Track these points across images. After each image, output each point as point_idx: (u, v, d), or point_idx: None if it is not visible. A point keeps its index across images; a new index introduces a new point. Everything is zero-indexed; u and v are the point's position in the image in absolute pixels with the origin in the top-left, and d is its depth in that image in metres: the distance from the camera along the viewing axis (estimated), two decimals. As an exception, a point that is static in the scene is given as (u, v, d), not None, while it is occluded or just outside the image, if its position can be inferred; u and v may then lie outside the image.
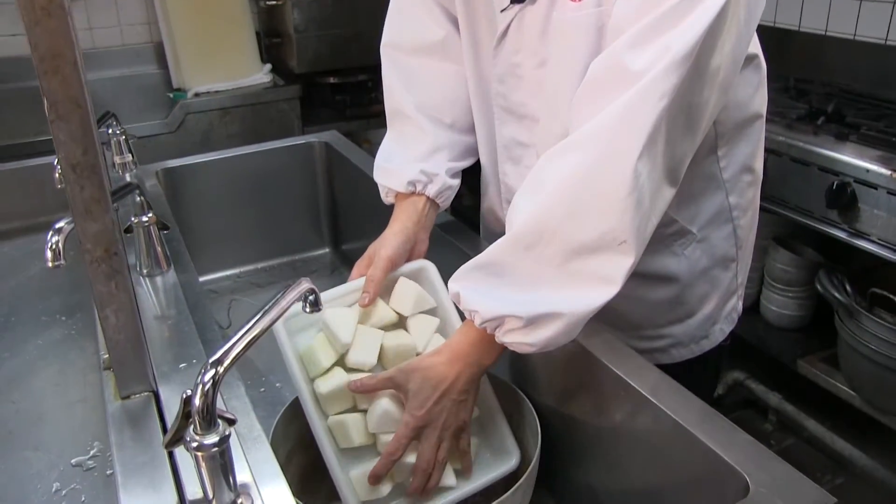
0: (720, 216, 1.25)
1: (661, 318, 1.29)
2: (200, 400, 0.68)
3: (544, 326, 0.99)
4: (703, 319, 1.31)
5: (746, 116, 1.21)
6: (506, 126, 1.27)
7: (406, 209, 1.33)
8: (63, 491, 0.98)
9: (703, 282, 1.28)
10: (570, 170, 0.97)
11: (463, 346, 1.07)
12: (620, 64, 0.94)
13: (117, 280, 0.87)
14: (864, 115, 2.30)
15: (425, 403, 1.06)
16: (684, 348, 1.32)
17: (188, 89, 2.87)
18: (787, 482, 0.83)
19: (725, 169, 1.22)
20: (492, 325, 1.02)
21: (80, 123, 0.76)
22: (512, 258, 1.01)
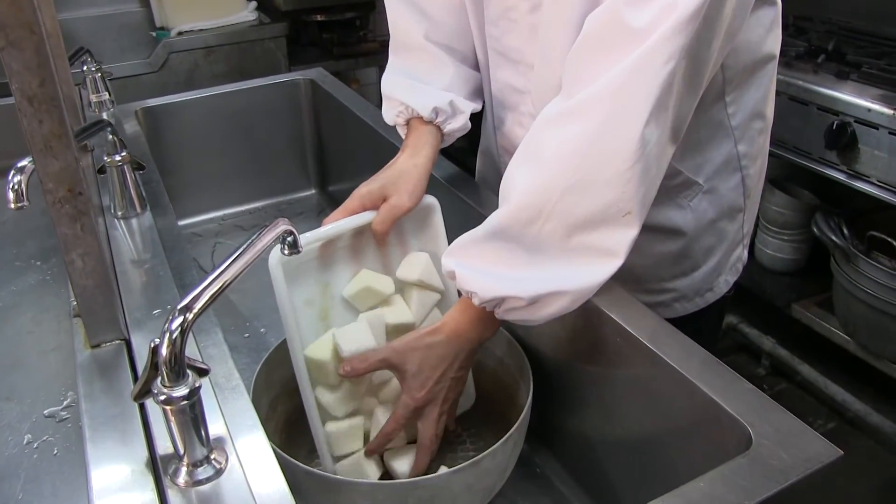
0: (728, 165, 1.19)
1: (665, 272, 1.24)
2: (168, 349, 0.64)
3: (548, 304, 0.94)
4: (708, 272, 1.26)
5: (757, 59, 1.13)
6: (500, 70, 1.21)
7: (426, 138, 1.22)
8: (35, 443, 0.94)
9: (709, 234, 1.23)
10: (571, 140, 0.90)
11: (461, 325, 1.03)
12: (620, 20, 0.87)
13: (83, 222, 0.82)
14: (865, 52, 2.24)
15: (426, 384, 1.02)
16: (688, 302, 1.28)
17: (171, 28, 2.80)
18: (790, 434, 0.79)
19: (734, 115, 1.15)
20: (491, 305, 0.97)
21: (34, 51, 0.71)
22: (510, 234, 0.96)
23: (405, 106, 1.22)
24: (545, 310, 0.95)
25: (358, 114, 1.67)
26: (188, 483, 0.70)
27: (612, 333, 0.98)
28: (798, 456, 0.77)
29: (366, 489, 0.94)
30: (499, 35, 1.17)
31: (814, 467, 0.76)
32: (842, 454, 0.77)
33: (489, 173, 1.42)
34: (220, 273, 0.70)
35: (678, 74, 0.87)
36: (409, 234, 1.19)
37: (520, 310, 0.96)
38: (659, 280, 1.25)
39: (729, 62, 1.09)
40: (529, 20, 1.10)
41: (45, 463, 0.90)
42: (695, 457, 0.89)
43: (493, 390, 1.19)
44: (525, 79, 1.17)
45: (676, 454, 0.93)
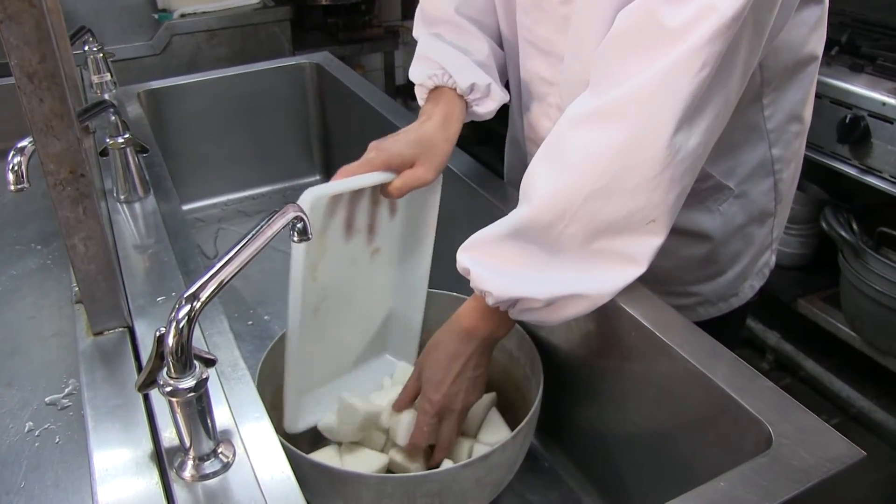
0: (761, 169, 1.15)
1: (690, 276, 1.21)
2: (174, 339, 0.62)
3: (565, 307, 0.93)
4: (733, 277, 1.23)
5: (799, 59, 1.08)
6: (530, 60, 1.16)
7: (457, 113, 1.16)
8: (36, 431, 0.92)
9: (737, 239, 1.19)
10: (598, 144, 0.87)
11: (474, 321, 1.01)
12: (655, 18, 0.83)
13: (85, 205, 0.79)
14: (879, 45, 2.20)
15: (440, 388, 1.01)
16: (712, 307, 1.24)
17: (174, 10, 2.77)
18: (811, 433, 0.77)
19: (770, 118, 1.11)
20: (505, 305, 0.95)
21: (35, 26, 0.68)
22: (530, 234, 0.93)
23: (444, 71, 1.16)
24: (561, 312, 0.93)
25: (365, 99, 1.65)
26: (194, 477, 0.68)
27: (627, 327, 0.96)
28: (820, 456, 0.75)
29: (373, 482, 0.92)
30: (530, 24, 1.12)
31: (836, 468, 0.74)
32: (864, 455, 0.76)
33: (516, 163, 1.39)
34: (227, 260, 0.68)
35: (715, 79, 0.83)
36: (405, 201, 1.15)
37: (535, 311, 0.94)
38: (682, 283, 1.22)
39: (769, 62, 1.05)
40: (561, 11, 1.06)
41: (47, 451, 0.88)
42: (710, 455, 0.87)
43: (504, 384, 1.17)
44: (555, 70, 1.13)
45: (691, 452, 0.91)
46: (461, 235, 1.29)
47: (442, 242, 1.37)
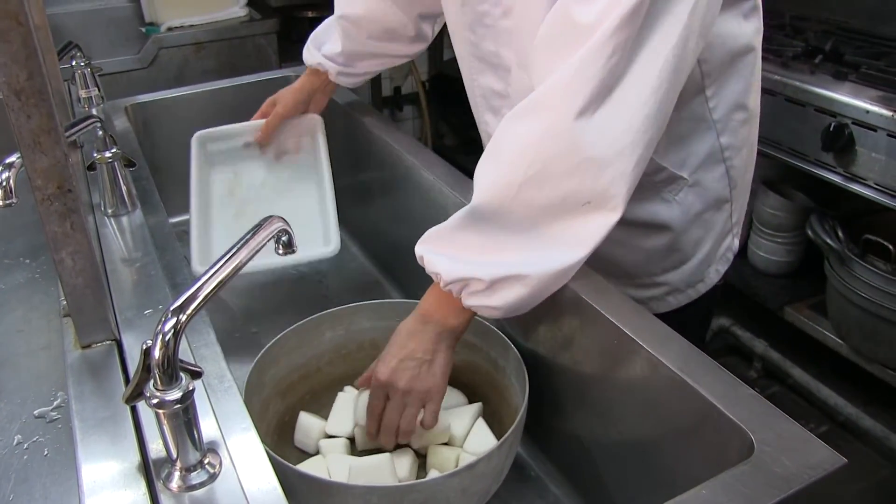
0: (711, 158, 1.19)
1: (656, 267, 1.25)
2: (160, 351, 0.62)
3: (508, 288, 0.98)
4: (698, 264, 1.27)
5: (736, 50, 1.13)
6: (482, 76, 1.24)
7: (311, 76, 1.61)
8: (25, 444, 0.92)
9: (696, 227, 1.23)
10: (524, 135, 0.95)
11: (429, 305, 1.06)
12: (569, 17, 0.91)
13: (73, 220, 0.80)
14: (863, 53, 2.22)
15: (389, 362, 1.04)
16: (681, 294, 1.28)
17: (161, 23, 2.77)
18: (793, 441, 0.78)
19: (715, 109, 1.16)
20: (456, 288, 1.00)
21: (22, 44, 0.69)
22: (478, 223, 0.99)
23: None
24: (505, 294, 0.98)
25: (352, 111, 1.66)
26: (181, 487, 0.68)
27: (610, 336, 0.96)
28: (801, 463, 0.76)
29: (359, 492, 0.93)
30: (476, 41, 1.19)
31: (817, 475, 0.75)
32: (846, 462, 0.76)
33: None
34: (213, 273, 0.68)
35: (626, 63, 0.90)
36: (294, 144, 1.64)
37: (480, 294, 0.99)
38: (650, 274, 1.26)
39: (706, 56, 1.10)
40: (504, 24, 1.12)
41: (36, 464, 0.88)
42: (694, 463, 0.88)
43: (489, 393, 1.18)
44: (505, 82, 1.20)
45: (675, 460, 0.92)
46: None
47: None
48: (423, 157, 1.40)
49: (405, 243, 1.48)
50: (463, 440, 1.12)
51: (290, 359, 1.18)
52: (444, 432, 1.11)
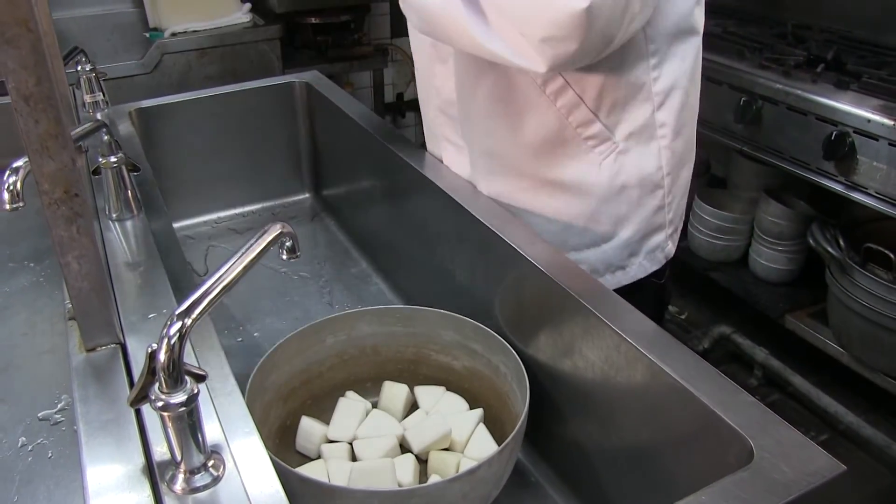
0: (645, 131, 1.20)
1: (574, 240, 1.26)
2: (166, 355, 0.63)
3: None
4: (619, 246, 1.27)
5: (681, 28, 1.16)
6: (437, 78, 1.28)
7: None
8: (29, 446, 0.93)
9: (619, 201, 1.23)
10: None
11: None
12: None
13: (79, 224, 0.80)
14: (865, 62, 2.23)
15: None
16: (599, 277, 1.28)
17: (165, 29, 2.79)
18: (793, 447, 0.79)
19: (656, 81, 1.17)
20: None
21: (31, 49, 0.69)
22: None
23: None
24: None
25: (353, 117, 1.66)
26: (185, 490, 0.68)
27: (612, 344, 0.97)
28: (801, 470, 0.76)
29: (361, 496, 0.93)
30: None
31: (817, 482, 0.75)
32: (845, 469, 0.77)
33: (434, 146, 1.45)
34: (218, 278, 0.69)
35: None
36: None
37: None
38: (570, 249, 1.26)
39: (653, 24, 1.12)
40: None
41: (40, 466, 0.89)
42: (694, 469, 0.88)
43: (490, 399, 1.18)
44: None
45: (675, 466, 0.92)
46: (449, 251, 1.30)
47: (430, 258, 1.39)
48: (425, 163, 1.40)
49: (407, 249, 1.49)
50: (464, 446, 1.12)
51: (291, 364, 1.18)
52: (446, 438, 1.12)
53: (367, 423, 1.16)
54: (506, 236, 1.14)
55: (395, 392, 1.21)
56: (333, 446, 1.14)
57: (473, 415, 1.15)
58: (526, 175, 1.23)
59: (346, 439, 1.14)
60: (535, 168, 1.22)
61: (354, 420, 1.16)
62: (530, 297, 1.12)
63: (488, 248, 1.19)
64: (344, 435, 1.15)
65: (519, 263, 1.11)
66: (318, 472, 1.08)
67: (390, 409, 1.20)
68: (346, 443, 1.14)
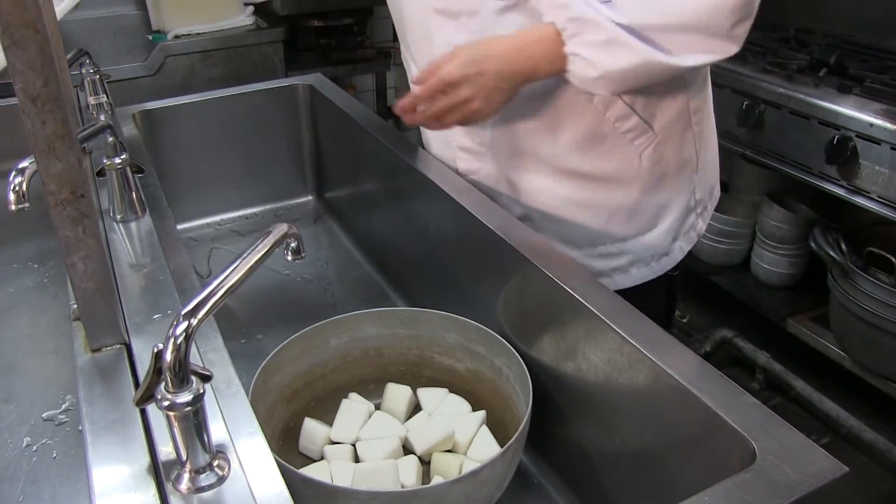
0: (681, 119, 1.23)
1: (619, 231, 1.27)
2: (172, 355, 0.63)
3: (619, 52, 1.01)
4: (663, 233, 1.29)
5: None
6: (442, 31, 1.22)
7: None
8: (34, 446, 0.94)
9: (661, 189, 1.26)
10: None
11: (529, 38, 1.05)
12: None
13: (85, 225, 0.81)
14: (867, 67, 2.24)
15: (465, 68, 1.05)
16: (645, 266, 1.30)
17: (168, 31, 2.78)
18: (795, 449, 0.79)
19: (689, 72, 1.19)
20: (571, 30, 1.02)
21: (38, 51, 0.70)
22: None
23: None
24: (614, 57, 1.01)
25: (357, 120, 1.67)
26: (190, 489, 0.69)
27: (614, 345, 0.97)
28: (803, 472, 0.76)
29: (364, 497, 0.93)
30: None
31: (819, 483, 0.75)
32: (847, 471, 0.77)
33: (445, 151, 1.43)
34: (224, 278, 0.69)
35: None
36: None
37: (593, 46, 1.01)
38: (613, 241, 1.27)
39: None
40: None
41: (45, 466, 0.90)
42: (696, 471, 0.88)
43: (493, 401, 1.19)
44: (468, 31, 1.18)
45: (677, 468, 0.92)
46: (452, 254, 1.31)
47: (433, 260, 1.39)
48: (429, 165, 1.40)
49: (410, 252, 1.49)
50: (467, 447, 1.12)
51: (295, 365, 1.18)
52: (449, 439, 1.12)
53: (370, 425, 1.16)
54: (509, 238, 1.15)
55: (398, 394, 1.21)
56: (336, 448, 1.14)
57: (476, 417, 1.16)
58: (568, 171, 1.23)
59: (349, 441, 1.15)
60: (576, 164, 1.22)
61: (357, 422, 1.16)
62: (533, 300, 1.12)
63: (491, 251, 1.19)
64: (347, 436, 1.15)
65: (522, 266, 1.12)
66: (322, 473, 1.08)
67: (393, 410, 1.20)
68: (349, 444, 1.14)
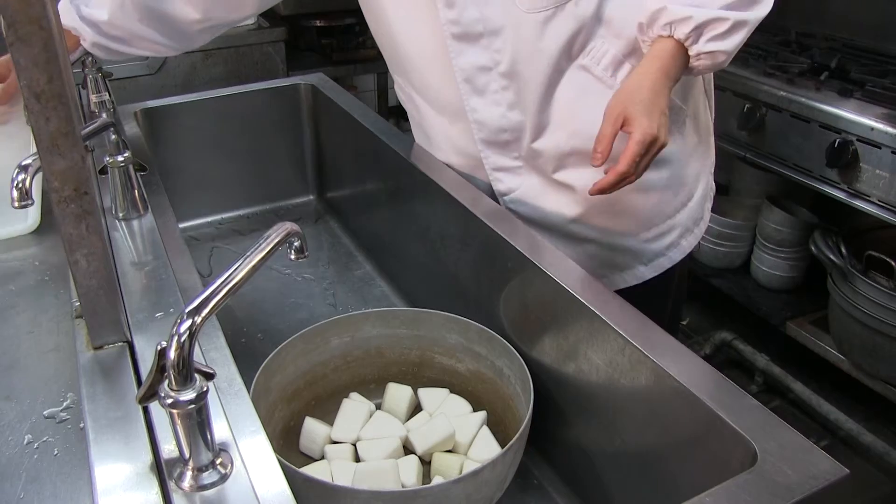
0: (702, 93, 1.30)
1: (669, 206, 1.31)
2: (175, 353, 0.63)
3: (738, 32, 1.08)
4: (700, 198, 1.35)
5: None
6: (463, 56, 1.22)
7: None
8: (35, 443, 0.93)
9: (695, 159, 1.31)
10: None
11: (666, 61, 1.10)
12: None
13: (88, 222, 0.81)
14: (868, 70, 2.24)
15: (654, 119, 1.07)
16: (690, 234, 1.36)
17: (170, 30, 2.78)
18: (796, 451, 0.79)
19: None
20: (697, 34, 1.08)
21: (43, 47, 0.70)
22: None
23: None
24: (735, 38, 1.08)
25: (359, 120, 1.67)
26: (193, 487, 0.69)
27: (616, 347, 0.97)
28: (804, 473, 0.76)
29: (365, 496, 0.94)
30: (456, 15, 1.18)
31: (820, 485, 0.75)
32: (847, 472, 0.77)
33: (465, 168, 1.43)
34: (227, 276, 0.69)
35: None
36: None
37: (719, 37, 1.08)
38: (665, 216, 1.31)
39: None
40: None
41: (46, 463, 0.89)
42: (697, 472, 0.88)
43: (494, 402, 1.19)
44: (490, 51, 1.20)
45: (678, 469, 0.92)
46: (453, 254, 1.31)
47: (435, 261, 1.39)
48: (430, 164, 1.40)
49: (412, 252, 1.50)
50: (467, 448, 1.13)
51: (296, 365, 1.19)
52: (449, 439, 1.12)
53: (370, 425, 1.17)
54: (511, 239, 1.15)
55: (398, 394, 1.21)
56: (337, 447, 1.14)
57: (477, 417, 1.16)
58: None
59: (349, 440, 1.15)
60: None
61: (358, 421, 1.17)
62: (535, 301, 1.12)
63: (493, 251, 1.20)
64: (347, 436, 1.15)
65: (524, 266, 1.12)
66: (322, 472, 1.08)
67: (394, 410, 1.20)
68: (350, 444, 1.14)
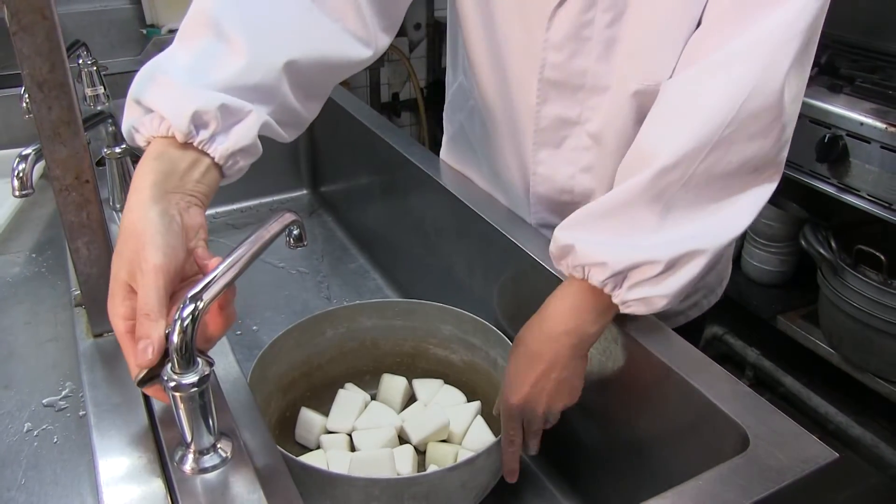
0: None
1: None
2: (179, 336, 0.64)
3: (684, 267, 0.87)
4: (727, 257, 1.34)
5: None
6: (550, 104, 1.07)
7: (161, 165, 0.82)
8: (35, 431, 0.94)
9: None
10: (729, 88, 0.85)
11: (560, 313, 0.93)
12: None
13: (89, 210, 0.82)
14: (858, 66, 2.26)
15: (520, 389, 0.95)
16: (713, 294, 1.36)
17: (161, 25, 2.78)
18: (787, 436, 0.81)
19: None
20: (616, 280, 0.89)
21: (46, 37, 0.71)
22: (643, 199, 0.88)
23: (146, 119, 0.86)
24: (679, 276, 0.88)
25: (352, 113, 1.68)
26: (194, 470, 0.70)
27: (609, 335, 0.98)
28: (795, 457, 0.78)
29: (361, 484, 0.94)
30: (563, 60, 1.03)
31: (810, 468, 0.77)
32: (837, 456, 0.79)
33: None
34: (230, 262, 0.70)
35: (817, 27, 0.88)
36: None
37: (649, 281, 0.88)
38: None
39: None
40: (606, 35, 0.99)
41: (46, 450, 0.90)
42: (690, 459, 0.90)
43: (488, 391, 1.20)
44: (583, 106, 1.06)
45: (671, 456, 0.94)
46: (447, 246, 1.32)
47: (429, 253, 1.40)
48: (423, 158, 1.41)
49: (406, 245, 1.50)
50: (461, 437, 1.14)
51: (291, 356, 1.19)
52: (444, 429, 1.13)
53: (365, 415, 1.18)
54: (504, 231, 1.16)
55: (393, 384, 1.22)
56: (333, 437, 1.15)
57: (471, 407, 1.17)
58: None
59: (345, 430, 1.16)
60: None
61: (353, 411, 1.18)
62: (529, 291, 1.13)
63: (487, 243, 1.20)
64: (343, 426, 1.16)
65: (517, 258, 1.13)
66: (319, 462, 1.09)
67: (389, 401, 1.21)
68: (346, 434, 1.15)
